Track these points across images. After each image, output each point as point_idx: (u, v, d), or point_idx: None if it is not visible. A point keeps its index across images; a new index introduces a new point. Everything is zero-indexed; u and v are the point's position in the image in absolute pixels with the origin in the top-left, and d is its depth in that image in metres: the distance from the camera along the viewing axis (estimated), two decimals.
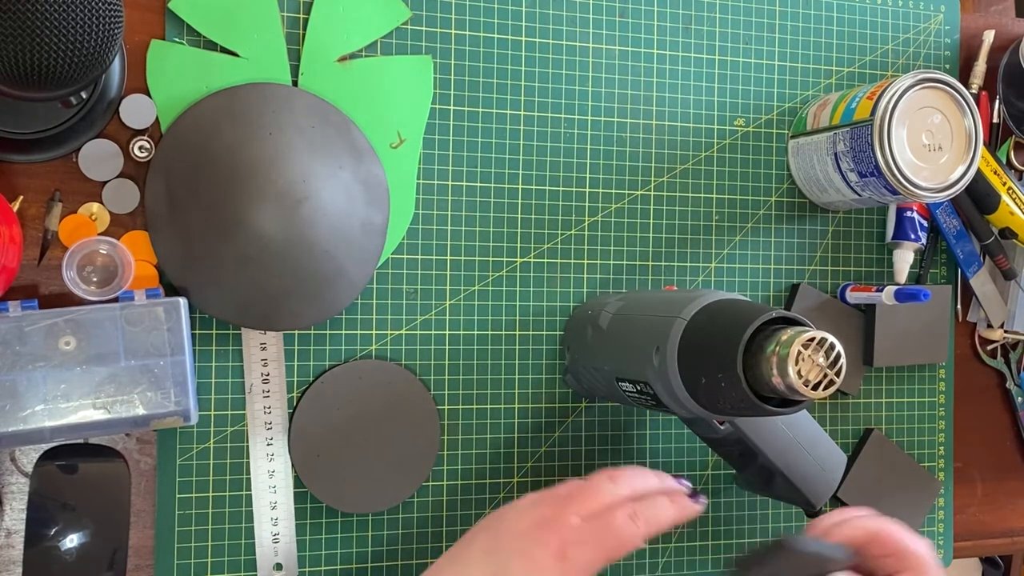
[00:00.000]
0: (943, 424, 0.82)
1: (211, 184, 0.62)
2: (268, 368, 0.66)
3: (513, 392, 0.71)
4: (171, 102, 0.64)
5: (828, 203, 0.77)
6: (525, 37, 0.72)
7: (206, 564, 0.65)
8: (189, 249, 0.62)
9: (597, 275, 0.73)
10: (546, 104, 0.72)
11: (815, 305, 0.77)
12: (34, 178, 0.62)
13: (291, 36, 0.66)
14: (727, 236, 0.76)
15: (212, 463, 0.65)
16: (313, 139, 0.64)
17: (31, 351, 0.58)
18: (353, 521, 0.68)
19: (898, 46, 0.81)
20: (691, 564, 0.75)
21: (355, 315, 0.68)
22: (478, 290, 0.71)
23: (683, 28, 0.75)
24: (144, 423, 0.60)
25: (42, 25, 0.48)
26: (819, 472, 0.64)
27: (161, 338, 0.60)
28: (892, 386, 0.80)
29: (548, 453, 0.72)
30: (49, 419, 0.58)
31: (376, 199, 0.66)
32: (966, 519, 0.83)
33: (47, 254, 0.62)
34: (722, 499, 0.76)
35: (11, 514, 0.62)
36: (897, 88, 0.67)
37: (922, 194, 0.68)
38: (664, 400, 0.56)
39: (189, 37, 0.64)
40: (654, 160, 0.75)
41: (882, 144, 0.67)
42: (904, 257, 0.78)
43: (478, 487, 0.71)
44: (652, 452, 0.74)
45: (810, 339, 0.47)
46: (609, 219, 0.73)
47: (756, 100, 0.77)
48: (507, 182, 0.71)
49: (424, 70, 0.69)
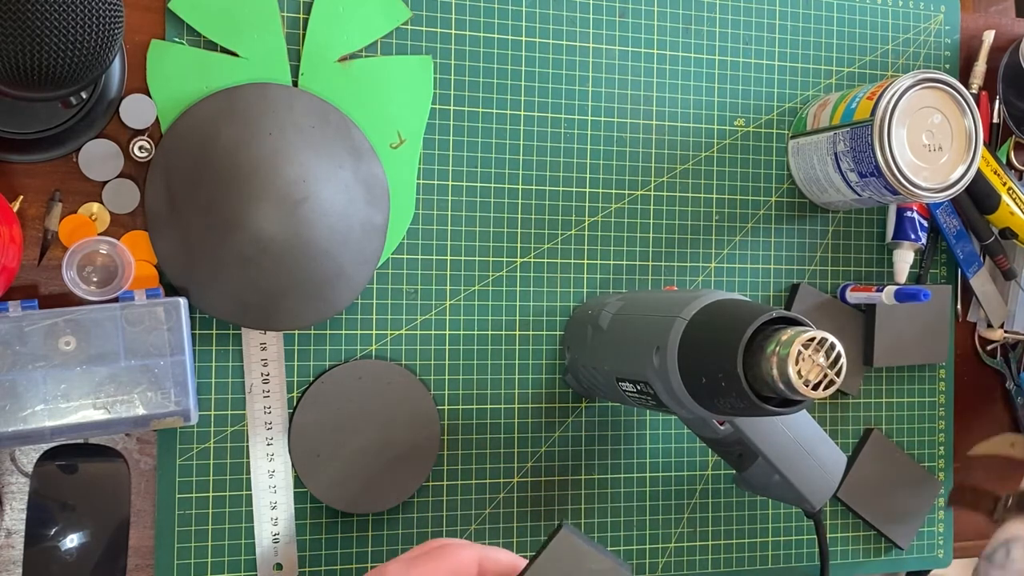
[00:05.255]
0: (943, 424, 0.82)
1: (211, 184, 0.62)
2: (268, 368, 0.66)
3: (513, 392, 0.71)
4: (171, 102, 0.64)
5: (828, 203, 0.77)
6: (525, 37, 0.72)
7: (206, 564, 0.65)
8: (189, 249, 0.62)
9: (597, 275, 0.73)
10: (546, 104, 0.72)
11: (815, 305, 0.77)
12: (34, 178, 0.62)
13: (291, 36, 0.66)
14: (727, 236, 0.76)
15: (212, 463, 0.65)
16: (313, 139, 0.64)
17: (31, 351, 0.58)
18: (353, 521, 0.68)
19: (898, 46, 0.81)
20: (691, 564, 0.75)
21: (355, 315, 0.68)
22: (478, 290, 0.71)
23: (683, 28, 0.75)
24: (144, 423, 0.60)
25: (42, 25, 0.48)
26: (819, 472, 0.64)
27: (161, 338, 0.60)
28: (892, 386, 0.81)
29: (548, 453, 0.72)
30: (49, 419, 0.58)
31: (376, 199, 0.66)
32: (966, 519, 0.83)
33: (47, 254, 0.62)
34: (722, 499, 0.76)
35: (11, 514, 0.62)
36: (897, 88, 0.67)
37: (922, 194, 0.68)
38: (664, 400, 0.56)
39: (189, 37, 0.64)
40: (654, 160, 0.75)
41: (882, 144, 0.67)
42: (904, 257, 0.78)
43: (478, 487, 0.71)
44: (652, 452, 0.74)
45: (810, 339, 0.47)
46: (609, 219, 0.73)
47: (756, 100, 0.77)
48: (507, 182, 0.71)
49: (424, 70, 0.69)
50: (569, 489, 0.73)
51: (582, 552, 0.45)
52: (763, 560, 0.77)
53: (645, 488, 0.74)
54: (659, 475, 0.75)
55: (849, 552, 0.80)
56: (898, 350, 0.78)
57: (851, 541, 0.80)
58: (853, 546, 0.80)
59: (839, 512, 0.79)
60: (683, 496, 0.75)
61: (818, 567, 0.77)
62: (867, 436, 0.79)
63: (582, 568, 0.45)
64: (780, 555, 0.77)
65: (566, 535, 0.45)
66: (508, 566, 0.47)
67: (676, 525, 0.75)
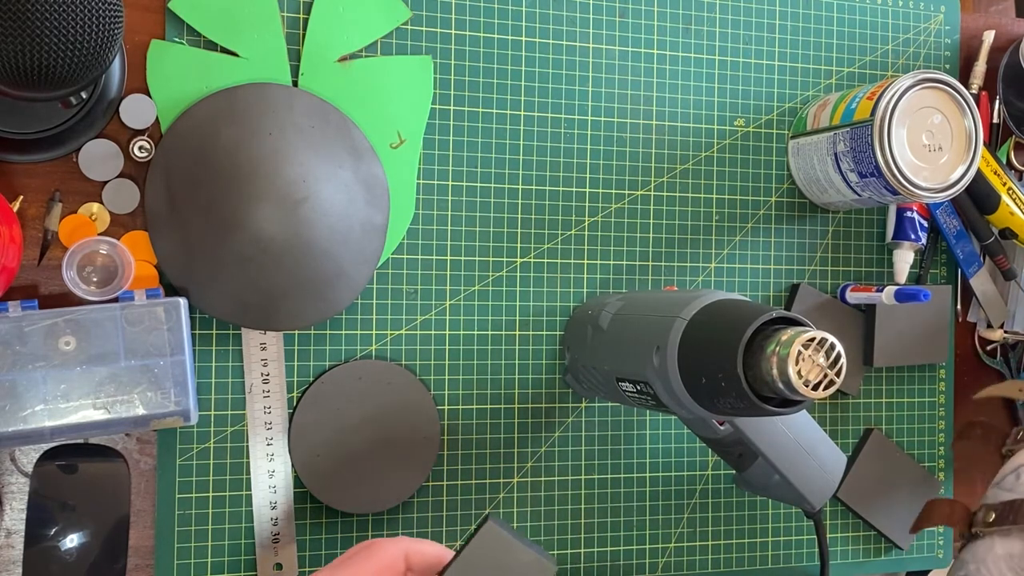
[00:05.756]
0: (943, 424, 0.82)
1: (211, 184, 0.62)
2: (268, 368, 0.66)
3: (513, 392, 0.71)
4: (171, 102, 0.64)
5: (828, 203, 0.77)
6: (525, 37, 0.72)
7: (206, 564, 0.65)
8: (189, 249, 0.62)
9: (597, 275, 0.73)
10: (546, 104, 0.72)
11: (815, 305, 0.77)
12: (34, 178, 0.62)
13: (291, 36, 0.66)
14: (727, 236, 0.76)
15: (212, 463, 0.65)
16: (313, 139, 0.64)
17: (31, 351, 0.58)
18: (353, 521, 0.68)
19: (898, 46, 0.81)
20: (691, 564, 0.75)
21: (355, 315, 0.68)
22: (478, 290, 0.71)
23: (683, 28, 0.75)
24: (144, 423, 0.60)
25: (42, 25, 0.48)
26: (819, 472, 0.64)
27: (161, 338, 0.60)
28: (892, 386, 0.81)
29: (548, 453, 0.72)
30: (49, 419, 0.58)
31: (376, 199, 0.66)
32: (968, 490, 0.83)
33: (47, 254, 0.62)
34: (722, 499, 0.76)
35: (11, 514, 0.62)
36: (897, 88, 0.67)
37: (922, 194, 0.68)
38: (664, 400, 0.56)
39: (189, 37, 0.64)
40: (654, 160, 0.75)
41: (882, 144, 0.67)
42: (904, 257, 0.78)
43: (478, 487, 0.71)
44: (652, 452, 0.74)
45: (810, 339, 0.47)
46: (609, 219, 0.73)
47: (756, 100, 0.77)
48: (507, 182, 0.71)
49: (424, 70, 0.69)
50: (569, 489, 0.73)
51: (508, 544, 0.47)
52: (763, 560, 0.77)
53: (645, 488, 0.74)
54: (659, 475, 0.75)
55: (849, 552, 0.80)
56: (898, 350, 0.78)
57: (851, 541, 0.80)
58: (853, 546, 0.80)
59: (839, 512, 0.79)
60: (683, 496, 0.75)
61: (818, 567, 0.77)
62: (867, 436, 0.79)
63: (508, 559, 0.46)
64: (780, 555, 0.77)
65: (492, 527, 0.47)
66: (434, 558, 0.48)
67: (676, 525, 0.75)
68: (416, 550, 0.48)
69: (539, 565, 0.47)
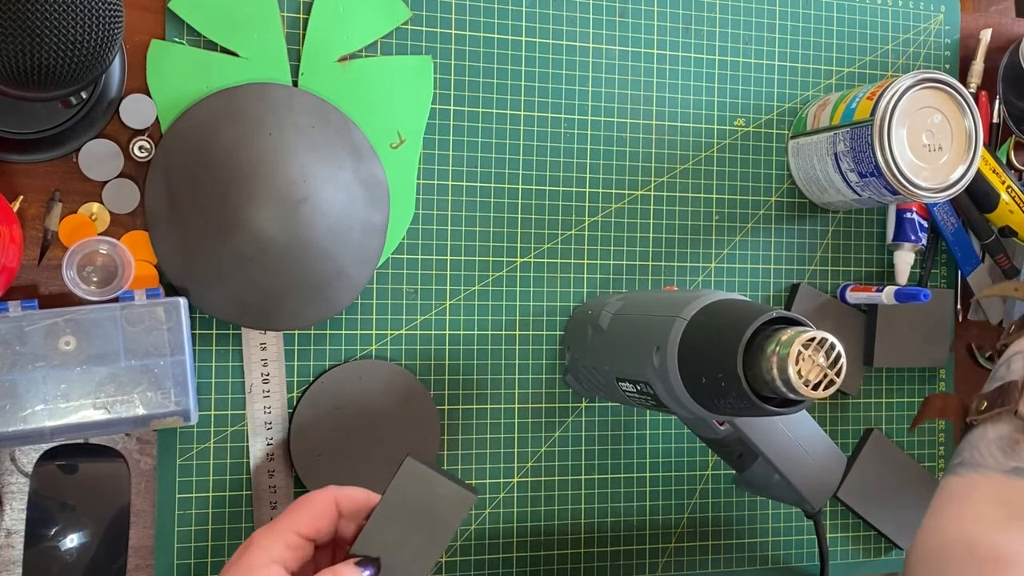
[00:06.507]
0: (943, 424, 0.82)
1: (211, 184, 0.62)
2: (268, 368, 0.66)
3: (513, 392, 0.71)
4: (171, 102, 0.64)
5: (828, 203, 0.77)
6: (525, 37, 0.72)
7: (206, 564, 0.65)
8: (189, 249, 0.62)
9: (597, 275, 0.73)
10: (546, 104, 0.72)
11: (815, 305, 0.77)
12: (34, 178, 0.62)
13: (291, 36, 0.66)
14: (727, 236, 0.76)
15: (212, 463, 0.65)
16: (313, 139, 0.64)
17: (31, 351, 0.58)
18: None
19: (898, 46, 0.81)
20: (691, 564, 0.75)
21: (355, 315, 0.68)
22: (478, 290, 0.71)
23: (683, 28, 0.75)
24: (144, 423, 0.60)
25: (42, 25, 0.48)
26: (819, 472, 0.64)
27: (161, 338, 0.60)
28: (892, 386, 0.81)
29: (548, 453, 0.72)
30: (49, 419, 0.58)
31: (376, 199, 0.66)
32: None
33: (47, 254, 0.62)
34: (722, 499, 0.76)
35: (11, 514, 0.62)
36: (897, 88, 0.67)
37: (922, 194, 0.68)
38: (664, 400, 0.56)
39: (189, 37, 0.64)
40: (654, 160, 0.75)
41: (882, 144, 0.67)
42: (905, 259, 0.78)
43: (478, 487, 0.70)
44: (652, 452, 0.74)
45: (810, 339, 0.47)
46: (609, 219, 0.73)
47: (756, 100, 0.77)
48: (507, 182, 0.71)
49: (424, 70, 0.69)
50: (569, 489, 0.73)
51: (429, 478, 0.49)
52: (763, 560, 0.77)
53: (645, 488, 0.74)
54: (659, 475, 0.75)
55: (849, 552, 0.80)
56: (899, 351, 0.78)
57: (851, 541, 0.80)
58: (853, 546, 0.80)
59: (839, 512, 0.79)
60: (683, 496, 0.75)
61: (818, 567, 0.77)
62: (867, 436, 0.79)
63: (431, 493, 0.49)
64: (780, 555, 0.77)
65: (411, 463, 0.49)
66: (363, 501, 0.50)
67: (676, 525, 0.75)
68: (345, 495, 0.50)
69: (460, 495, 0.49)
